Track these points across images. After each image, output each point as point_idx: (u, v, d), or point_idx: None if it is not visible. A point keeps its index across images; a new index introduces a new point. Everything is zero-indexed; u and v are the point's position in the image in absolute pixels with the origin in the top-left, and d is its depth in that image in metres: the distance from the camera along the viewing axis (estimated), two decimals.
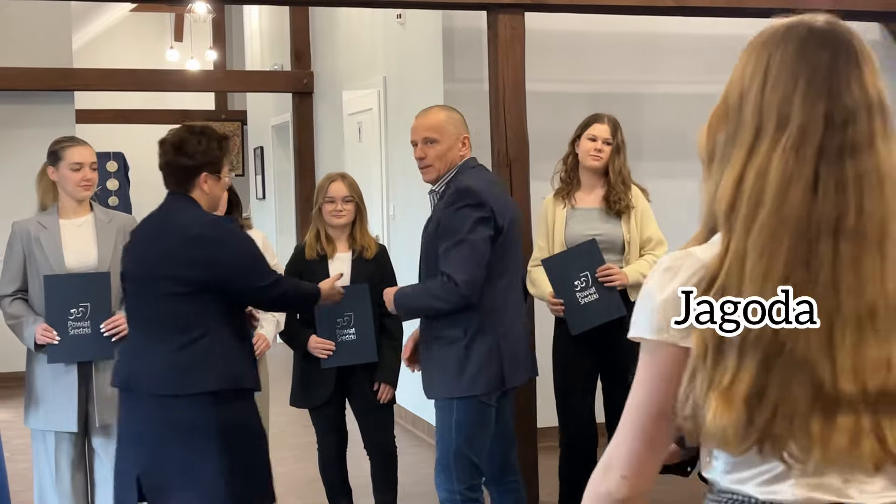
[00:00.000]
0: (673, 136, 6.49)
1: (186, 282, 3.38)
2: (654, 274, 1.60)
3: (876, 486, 1.49)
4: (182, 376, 3.37)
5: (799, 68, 1.56)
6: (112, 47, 15.41)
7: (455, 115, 3.94)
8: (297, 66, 9.53)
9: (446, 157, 3.85)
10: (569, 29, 6.16)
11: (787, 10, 6.02)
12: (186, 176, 3.49)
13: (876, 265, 1.45)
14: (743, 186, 1.51)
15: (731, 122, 1.61)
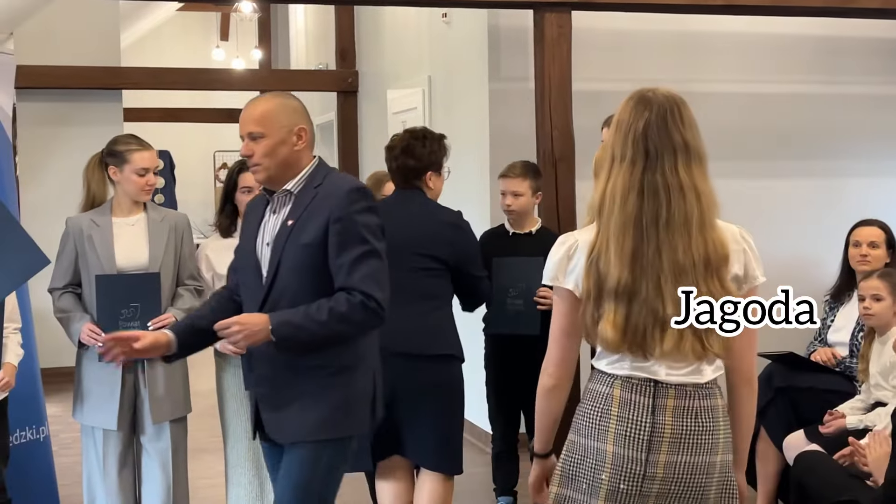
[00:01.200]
0: (719, 135, 6.42)
1: (439, 260, 4.01)
2: (555, 245, 2.64)
3: (683, 371, 2.54)
4: (430, 338, 3.97)
5: (635, 122, 2.58)
6: (159, 46, 15.56)
7: (290, 102, 3.21)
8: (341, 65, 9.55)
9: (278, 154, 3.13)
10: (614, 28, 6.13)
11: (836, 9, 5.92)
12: (416, 175, 4.11)
13: (683, 241, 2.50)
14: (605, 195, 2.54)
15: (605, 156, 2.59)
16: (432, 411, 3.99)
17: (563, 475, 2.63)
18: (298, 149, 3.16)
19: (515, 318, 4.58)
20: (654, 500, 2.52)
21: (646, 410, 2.52)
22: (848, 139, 6.64)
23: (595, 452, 2.55)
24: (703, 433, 2.52)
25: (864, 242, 4.86)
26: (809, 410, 4.53)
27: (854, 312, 4.68)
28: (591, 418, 2.57)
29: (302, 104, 3.22)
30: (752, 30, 6.35)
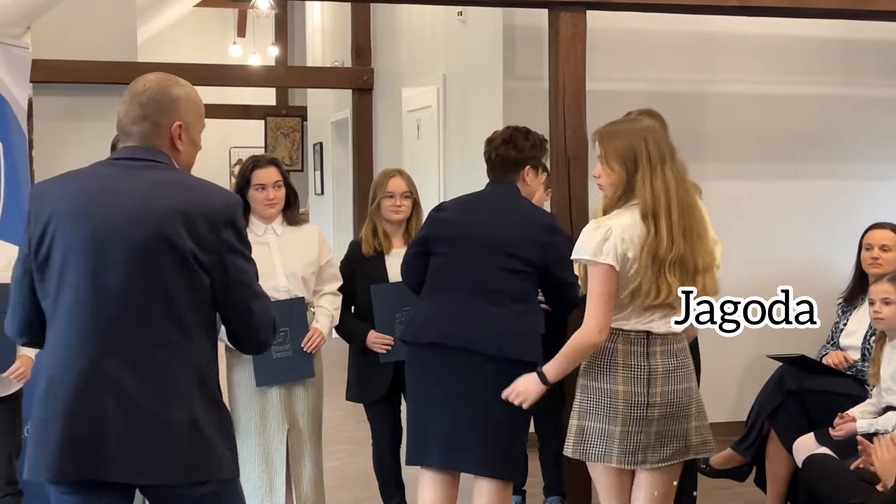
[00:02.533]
0: (734, 137, 6.42)
1: (528, 262, 3.82)
2: (588, 229, 3.31)
3: (668, 323, 3.34)
4: (516, 342, 3.76)
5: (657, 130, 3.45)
6: (176, 42, 15.60)
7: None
8: (357, 62, 9.57)
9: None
10: (629, 27, 6.12)
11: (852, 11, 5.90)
12: (515, 167, 3.99)
13: (699, 221, 3.38)
14: (656, 189, 3.29)
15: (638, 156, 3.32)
16: (504, 417, 3.74)
17: (580, 411, 3.38)
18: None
19: None
20: (657, 422, 3.33)
21: (643, 356, 3.32)
22: (865, 141, 6.61)
23: (609, 392, 3.31)
24: (682, 367, 3.38)
25: (875, 245, 4.84)
26: (820, 414, 4.52)
27: (866, 316, 4.66)
28: (602, 367, 3.34)
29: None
30: (767, 31, 6.33)
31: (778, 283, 6.46)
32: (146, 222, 2.55)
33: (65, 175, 2.72)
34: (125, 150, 2.70)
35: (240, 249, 2.63)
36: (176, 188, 2.62)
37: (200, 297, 2.59)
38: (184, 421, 2.56)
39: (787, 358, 4.80)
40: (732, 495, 5.18)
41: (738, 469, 4.84)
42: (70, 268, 2.57)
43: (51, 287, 2.60)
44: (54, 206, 2.61)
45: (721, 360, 6.18)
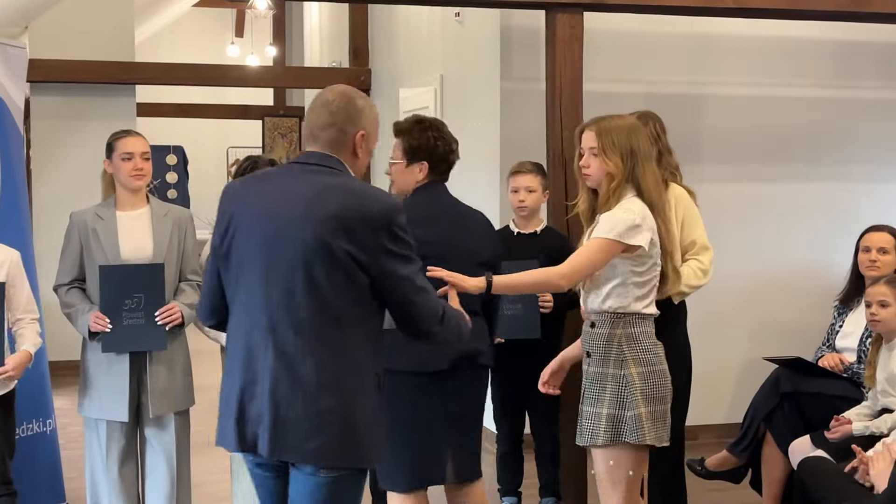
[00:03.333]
0: (731, 138, 6.42)
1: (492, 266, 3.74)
2: (625, 212, 3.40)
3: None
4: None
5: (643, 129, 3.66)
6: (173, 42, 15.61)
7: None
8: (355, 63, 9.56)
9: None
10: (626, 29, 6.12)
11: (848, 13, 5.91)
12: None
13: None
14: (650, 184, 3.51)
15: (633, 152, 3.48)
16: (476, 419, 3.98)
17: (646, 398, 3.40)
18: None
19: (515, 324, 4.53)
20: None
21: (654, 335, 3.50)
22: (861, 144, 6.62)
23: (664, 373, 3.47)
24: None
25: (873, 248, 4.84)
26: (816, 416, 4.52)
27: (863, 318, 4.66)
28: (655, 351, 3.46)
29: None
30: (764, 33, 6.33)
31: (774, 284, 6.51)
32: (312, 224, 2.76)
33: (250, 176, 3.10)
34: (304, 155, 2.95)
35: (394, 251, 2.82)
36: (343, 193, 2.81)
37: (357, 295, 2.80)
38: (335, 408, 2.76)
39: (782, 360, 4.80)
40: (728, 497, 5.18)
41: (733, 471, 4.84)
42: (246, 263, 2.84)
43: (231, 279, 2.88)
44: (235, 206, 2.89)
45: (717, 362, 6.19)
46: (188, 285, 4.17)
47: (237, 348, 2.86)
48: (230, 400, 2.85)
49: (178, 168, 13.79)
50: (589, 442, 3.46)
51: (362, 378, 2.83)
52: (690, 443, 4.67)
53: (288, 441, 2.76)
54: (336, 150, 2.90)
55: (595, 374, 3.45)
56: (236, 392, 2.83)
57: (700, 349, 4.56)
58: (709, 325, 5.95)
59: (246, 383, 2.82)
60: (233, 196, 2.94)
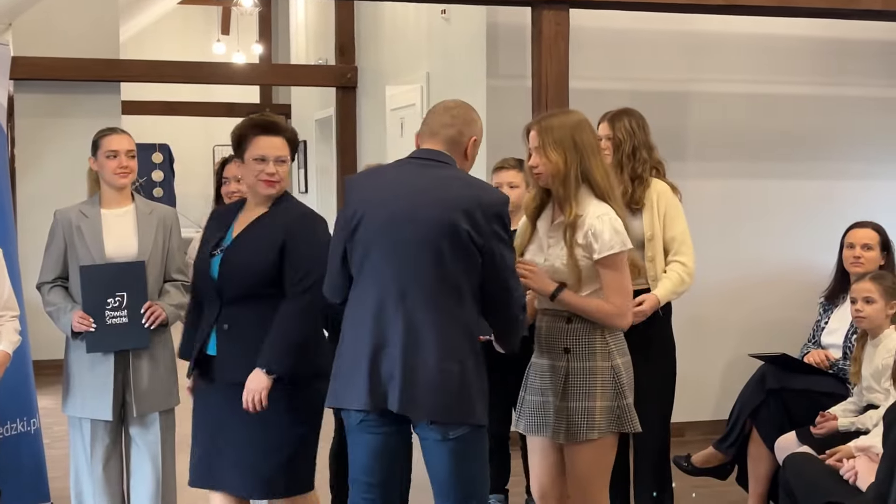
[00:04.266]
0: (718, 136, 6.43)
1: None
2: (608, 221, 3.42)
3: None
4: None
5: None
6: (159, 40, 15.55)
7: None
8: (341, 60, 9.55)
9: None
10: (612, 26, 6.13)
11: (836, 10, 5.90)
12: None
13: None
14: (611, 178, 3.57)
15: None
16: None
17: (629, 387, 3.47)
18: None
19: None
20: None
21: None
22: (848, 141, 6.63)
23: (631, 364, 3.52)
24: None
25: (857, 244, 4.85)
26: (802, 412, 4.53)
27: (848, 315, 4.68)
28: (625, 342, 3.52)
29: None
30: (751, 30, 6.34)
31: (760, 281, 6.52)
32: (437, 208, 3.17)
33: (372, 170, 3.65)
34: (422, 152, 3.33)
35: (504, 238, 3.24)
36: (462, 184, 3.26)
37: (472, 270, 3.20)
38: (454, 370, 3.16)
39: (768, 357, 4.80)
40: (714, 494, 5.19)
41: (719, 467, 4.85)
42: (376, 242, 3.21)
43: (357, 257, 3.25)
44: (362, 194, 3.29)
45: (703, 359, 6.21)
46: (173, 286, 4.15)
47: (365, 316, 3.21)
48: (359, 361, 3.19)
49: (164, 166, 13.75)
50: (585, 437, 3.42)
51: (472, 344, 3.24)
52: (677, 440, 4.68)
53: (417, 397, 3.14)
54: (451, 149, 3.31)
55: (580, 368, 3.43)
56: (367, 354, 3.18)
57: (686, 346, 4.57)
58: (695, 323, 5.96)
59: (377, 347, 3.18)
60: (358, 186, 3.34)
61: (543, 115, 3.63)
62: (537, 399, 3.54)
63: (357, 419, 3.27)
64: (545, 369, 3.50)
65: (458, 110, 3.38)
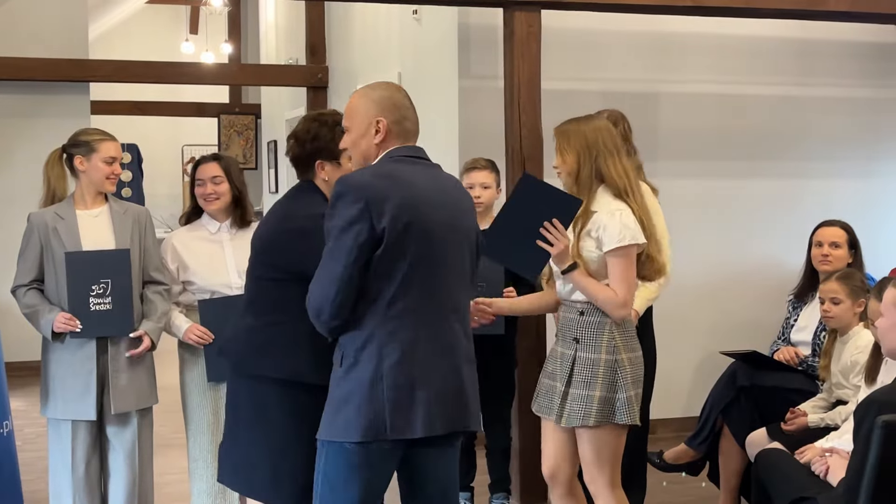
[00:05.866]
0: (687, 136, 6.49)
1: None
2: (619, 216, 3.55)
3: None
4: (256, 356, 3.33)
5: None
6: (127, 39, 15.45)
7: (372, 92, 3.21)
8: (311, 60, 9.54)
9: (359, 147, 3.15)
10: (584, 27, 6.16)
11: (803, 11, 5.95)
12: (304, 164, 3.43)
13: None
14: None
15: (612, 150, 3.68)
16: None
17: (633, 381, 3.58)
18: (376, 142, 3.10)
19: None
20: None
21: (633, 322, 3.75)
22: (816, 141, 6.71)
23: (641, 358, 3.67)
24: None
25: (825, 243, 4.91)
26: (772, 409, 4.58)
27: (817, 313, 4.73)
28: (636, 338, 3.67)
29: (391, 94, 3.20)
30: (721, 31, 6.40)
31: (730, 279, 6.59)
32: (467, 215, 3.16)
33: (390, 174, 3.01)
34: (416, 150, 3.15)
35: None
36: (459, 186, 3.28)
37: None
38: (475, 376, 3.15)
39: (739, 354, 4.85)
40: (686, 490, 5.24)
41: (691, 464, 4.89)
42: (424, 255, 2.97)
43: (398, 268, 2.94)
44: (398, 200, 2.93)
45: (674, 357, 6.25)
46: (157, 295, 4.15)
47: (419, 334, 2.96)
48: (434, 385, 2.98)
49: (133, 166, 13.64)
50: (581, 423, 3.56)
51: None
52: (649, 436, 4.71)
53: (473, 411, 3.11)
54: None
55: (586, 359, 3.57)
56: (441, 377, 3.00)
57: (658, 344, 4.60)
58: (666, 321, 5.99)
59: (450, 368, 3.03)
60: (385, 193, 2.92)
61: (567, 120, 3.77)
62: (548, 383, 3.72)
63: (402, 446, 3.00)
64: (558, 356, 3.68)
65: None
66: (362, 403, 2.92)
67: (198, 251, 4.23)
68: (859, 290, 4.37)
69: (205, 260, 4.21)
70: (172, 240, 4.29)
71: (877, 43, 6.73)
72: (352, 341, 2.96)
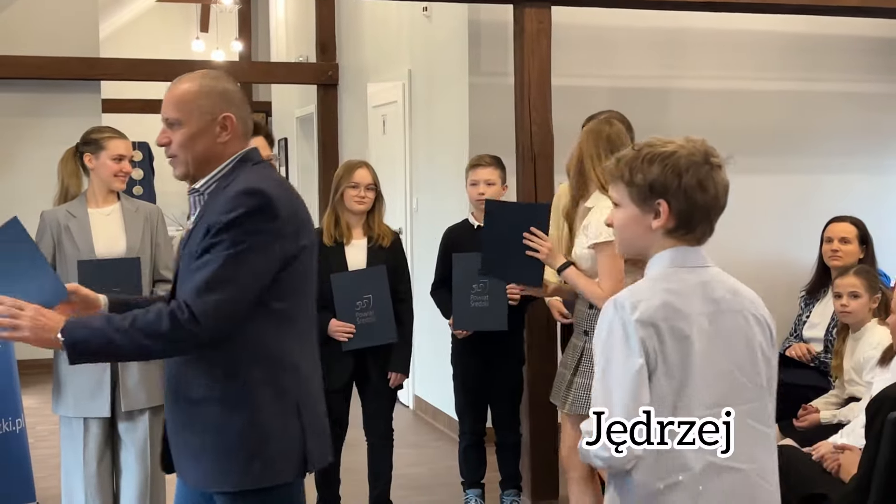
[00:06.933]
0: (697, 131, 6.45)
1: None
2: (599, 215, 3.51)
3: None
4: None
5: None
6: (138, 37, 15.48)
7: (217, 84, 2.70)
8: (322, 58, 9.54)
9: (193, 146, 2.67)
10: (594, 23, 6.15)
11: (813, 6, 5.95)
12: None
13: None
14: None
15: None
16: None
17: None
18: (222, 141, 2.66)
19: (481, 316, 4.60)
20: None
21: None
22: (826, 136, 6.69)
23: None
24: None
25: (835, 238, 4.90)
26: (784, 405, 4.54)
27: (829, 309, 4.72)
28: None
29: (234, 87, 2.74)
30: (731, 27, 6.38)
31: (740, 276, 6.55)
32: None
33: (278, 185, 2.67)
34: (259, 154, 2.74)
35: None
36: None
37: None
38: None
39: None
40: None
41: None
42: (311, 271, 2.72)
43: (299, 286, 2.66)
44: (306, 226, 2.67)
45: None
46: (166, 292, 4.15)
47: (313, 359, 2.72)
48: (323, 418, 2.71)
49: (144, 165, 13.67)
50: (584, 410, 3.62)
51: None
52: None
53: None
54: None
55: (592, 350, 3.57)
56: (324, 406, 2.73)
57: None
58: None
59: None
60: (295, 205, 2.66)
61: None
62: (561, 371, 3.88)
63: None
64: (571, 346, 3.84)
65: None
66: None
67: None
68: (875, 285, 4.36)
69: None
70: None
71: (886, 38, 6.70)
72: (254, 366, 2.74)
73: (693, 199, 2.24)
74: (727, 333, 2.21)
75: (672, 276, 2.23)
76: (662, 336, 2.13)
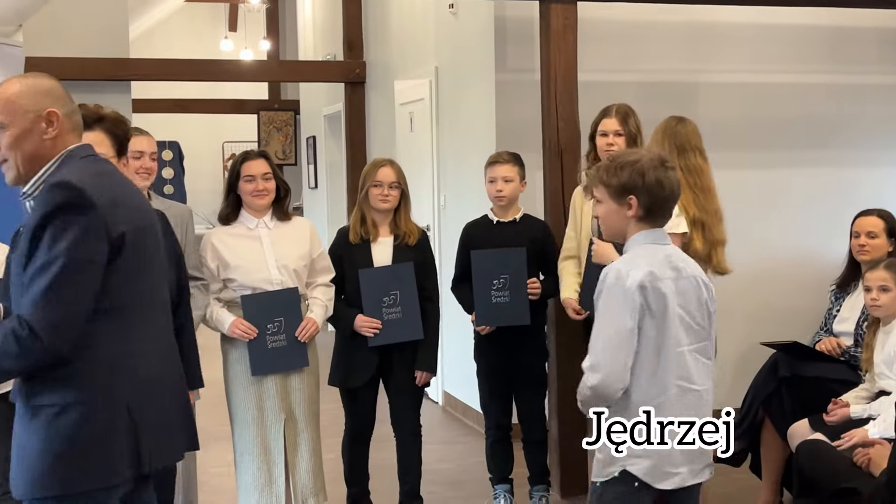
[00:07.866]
0: (728, 126, 6.44)
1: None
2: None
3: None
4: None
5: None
6: (167, 37, 15.59)
7: (39, 82, 2.71)
8: (349, 56, 9.57)
9: (21, 147, 2.63)
10: (620, 18, 6.14)
11: None
12: None
13: None
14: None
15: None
16: None
17: None
18: (49, 137, 2.64)
19: (502, 311, 4.61)
20: None
21: None
22: (858, 129, 6.64)
23: None
24: None
25: (862, 233, 4.87)
26: (814, 399, 4.55)
27: (859, 303, 4.69)
28: None
29: (57, 84, 2.74)
30: (760, 20, 6.35)
31: (771, 270, 6.54)
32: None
33: (106, 176, 2.66)
34: (90, 146, 2.78)
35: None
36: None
37: None
38: None
39: (780, 345, 4.83)
40: (728, 481, 5.21)
41: (733, 455, 4.86)
42: (143, 257, 2.67)
43: (140, 278, 2.66)
44: (129, 213, 2.63)
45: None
46: (196, 288, 4.19)
47: (156, 354, 2.74)
48: (167, 415, 2.78)
49: (174, 164, 13.79)
50: None
51: None
52: None
53: None
54: None
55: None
56: (174, 401, 2.85)
57: None
58: None
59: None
60: (117, 200, 2.62)
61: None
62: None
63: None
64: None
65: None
66: None
67: (237, 248, 4.27)
68: None
69: (245, 256, 4.25)
70: (212, 238, 4.33)
71: None
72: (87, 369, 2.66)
73: (654, 194, 2.90)
74: (685, 292, 2.92)
75: (647, 251, 2.92)
76: (648, 294, 2.84)
